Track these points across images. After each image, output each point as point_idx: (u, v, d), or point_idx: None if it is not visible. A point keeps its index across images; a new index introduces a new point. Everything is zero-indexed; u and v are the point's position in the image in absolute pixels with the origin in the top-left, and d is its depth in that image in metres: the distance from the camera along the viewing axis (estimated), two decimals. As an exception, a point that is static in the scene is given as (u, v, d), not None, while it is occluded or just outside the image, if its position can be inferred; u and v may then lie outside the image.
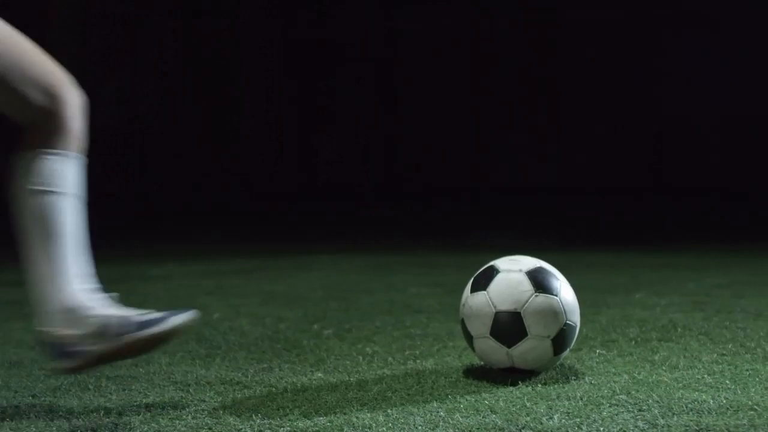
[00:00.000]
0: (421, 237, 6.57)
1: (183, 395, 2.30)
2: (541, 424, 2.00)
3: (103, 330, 2.03)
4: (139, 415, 2.12)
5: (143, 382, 2.45)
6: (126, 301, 3.96)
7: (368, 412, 2.11)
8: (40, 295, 2.03)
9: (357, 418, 2.07)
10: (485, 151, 10.96)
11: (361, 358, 2.68)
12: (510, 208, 9.25)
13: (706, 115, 10.32)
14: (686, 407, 2.09)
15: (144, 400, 2.26)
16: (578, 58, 10.63)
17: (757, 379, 2.33)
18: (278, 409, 2.15)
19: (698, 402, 2.12)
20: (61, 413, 2.16)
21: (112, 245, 6.23)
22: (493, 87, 10.87)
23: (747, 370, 2.42)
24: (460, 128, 11.11)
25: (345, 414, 2.10)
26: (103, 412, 2.16)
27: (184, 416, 2.11)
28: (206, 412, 2.15)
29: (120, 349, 2.04)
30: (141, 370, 2.58)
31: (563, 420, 2.02)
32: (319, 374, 2.50)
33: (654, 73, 10.54)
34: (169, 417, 2.11)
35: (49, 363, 2.15)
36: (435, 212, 8.64)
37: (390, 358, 2.67)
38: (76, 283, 2.03)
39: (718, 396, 2.17)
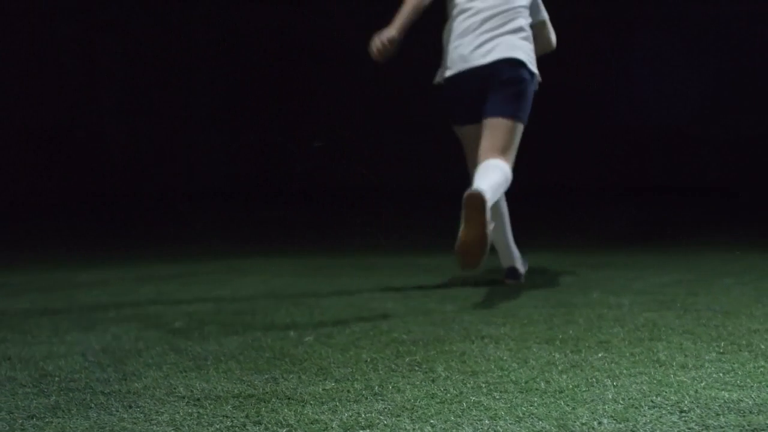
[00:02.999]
0: (347, 238, 6.48)
1: (200, 411, 2.16)
2: (593, 429, 1.97)
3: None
4: (169, 435, 1.99)
5: (146, 397, 2.30)
6: (73, 308, 3.74)
7: (410, 422, 2.03)
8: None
9: (404, 430, 1.98)
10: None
11: (364, 365, 2.59)
12: (444, 211, 9.20)
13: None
14: (725, 407, 2.09)
15: (160, 418, 2.12)
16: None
17: (772, 376, 2.37)
18: (312, 423, 2.05)
19: (733, 401, 2.13)
20: (76, 435, 2.00)
21: (29, 251, 5.91)
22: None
23: (756, 368, 2.45)
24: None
25: (387, 426, 2.01)
26: (125, 432, 2.01)
27: (217, 434, 1.99)
28: (237, 429, 2.03)
29: None
30: (136, 384, 2.42)
31: (612, 424, 1.99)
32: (331, 384, 2.39)
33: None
34: (202, 436, 1.98)
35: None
36: (367, 214, 8.50)
37: (393, 365, 2.59)
38: None
39: (750, 395, 2.18)
